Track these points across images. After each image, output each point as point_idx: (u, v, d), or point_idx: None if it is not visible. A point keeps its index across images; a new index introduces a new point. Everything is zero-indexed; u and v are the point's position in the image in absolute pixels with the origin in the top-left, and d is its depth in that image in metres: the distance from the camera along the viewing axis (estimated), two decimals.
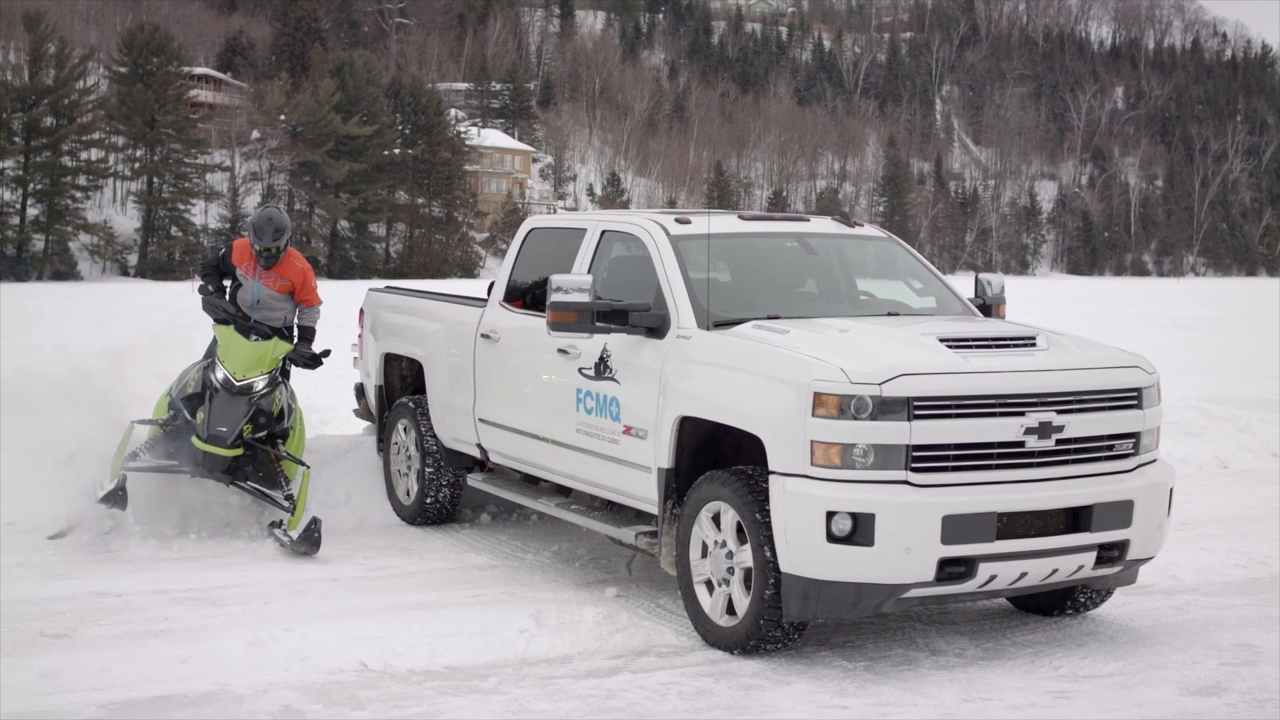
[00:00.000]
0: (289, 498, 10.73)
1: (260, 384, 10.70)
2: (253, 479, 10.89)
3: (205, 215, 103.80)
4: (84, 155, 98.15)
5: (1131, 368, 8.30)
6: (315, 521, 10.32)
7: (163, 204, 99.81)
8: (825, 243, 10.06)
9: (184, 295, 56.68)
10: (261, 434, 10.89)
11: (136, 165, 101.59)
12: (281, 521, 10.60)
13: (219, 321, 11.10)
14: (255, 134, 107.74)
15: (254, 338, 10.88)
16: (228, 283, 11.67)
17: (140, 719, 6.94)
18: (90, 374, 11.82)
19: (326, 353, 11.27)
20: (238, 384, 10.58)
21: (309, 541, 10.28)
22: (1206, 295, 75.15)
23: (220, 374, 10.61)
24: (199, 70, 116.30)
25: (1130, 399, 8.17)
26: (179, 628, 8.39)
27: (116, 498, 10.18)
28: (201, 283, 11.48)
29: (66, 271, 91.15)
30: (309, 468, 11.06)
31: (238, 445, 10.62)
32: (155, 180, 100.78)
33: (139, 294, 61.29)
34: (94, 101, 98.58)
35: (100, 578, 9.47)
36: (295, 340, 11.48)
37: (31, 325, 33.90)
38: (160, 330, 13.98)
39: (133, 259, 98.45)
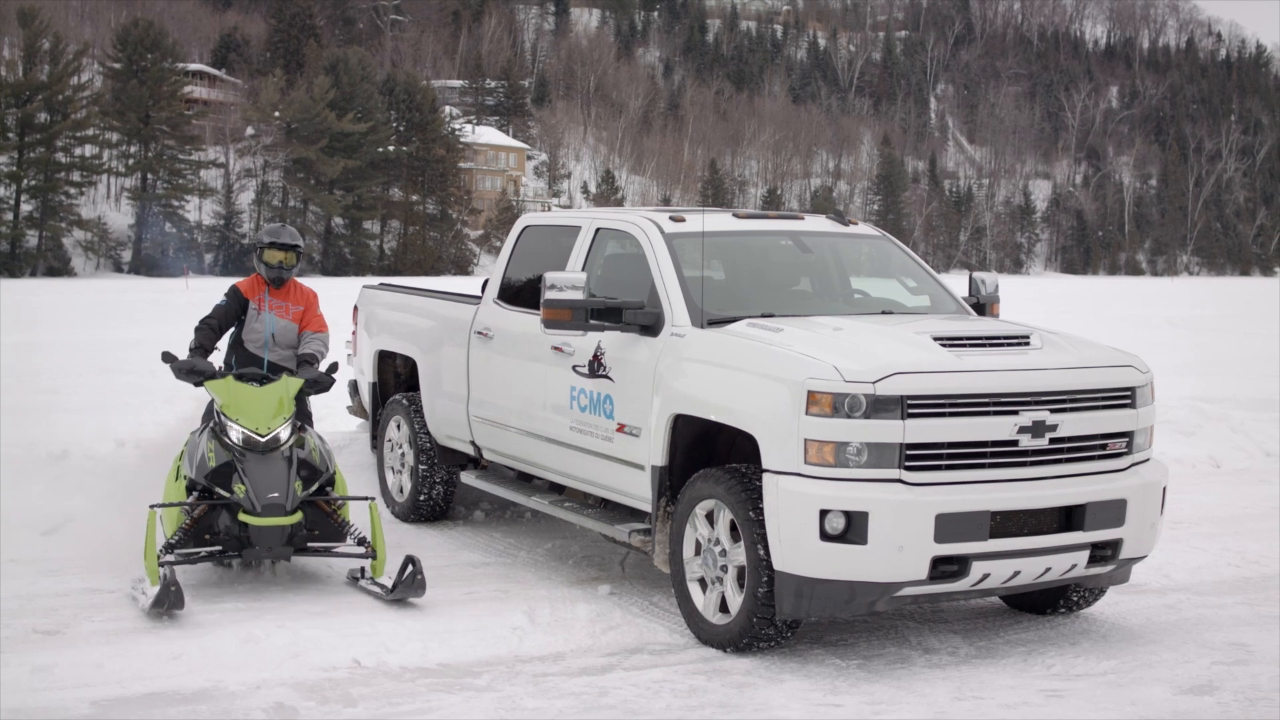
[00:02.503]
0: (362, 542, 9.38)
1: (286, 432, 9.38)
2: (313, 539, 9.36)
3: (199, 212, 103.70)
4: (78, 151, 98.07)
5: (1125, 367, 8.31)
6: (413, 562, 8.90)
7: (157, 200, 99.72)
8: (820, 241, 10.06)
9: (177, 292, 56.68)
10: (314, 488, 9.42)
11: (130, 162, 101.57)
12: (364, 570, 9.41)
13: (209, 378, 9.75)
14: (250, 130, 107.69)
15: (252, 383, 9.70)
16: (220, 346, 10.65)
17: (133, 716, 6.93)
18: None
19: (334, 367, 10.25)
20: (264, 439, 9.25)
21: (412, 587, 8.84)
22: (1200, 295, 75.23)
23: (237, 433, 9.27)
24: (193, 66, 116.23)
25: (1124, 398, 8.18)
26: (171, 624, 8.38)
27: (169, 597, 8.39)
28: (166, 351, 9.93)
29: (60, 268, 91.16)
30: (373, 499, 9.66)
31: (297, 509, 9.12)
32: (149, 176, 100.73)
33: (132, 290, 61.15)
34: (88, 98, 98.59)
35: (93, 574, 9.46)
36: (299, 367, 10.41)
37: (36, 321, 33.91)
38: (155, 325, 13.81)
39: (126, 255, 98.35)
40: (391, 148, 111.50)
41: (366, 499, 9.62)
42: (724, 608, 8.13)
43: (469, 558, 10.39)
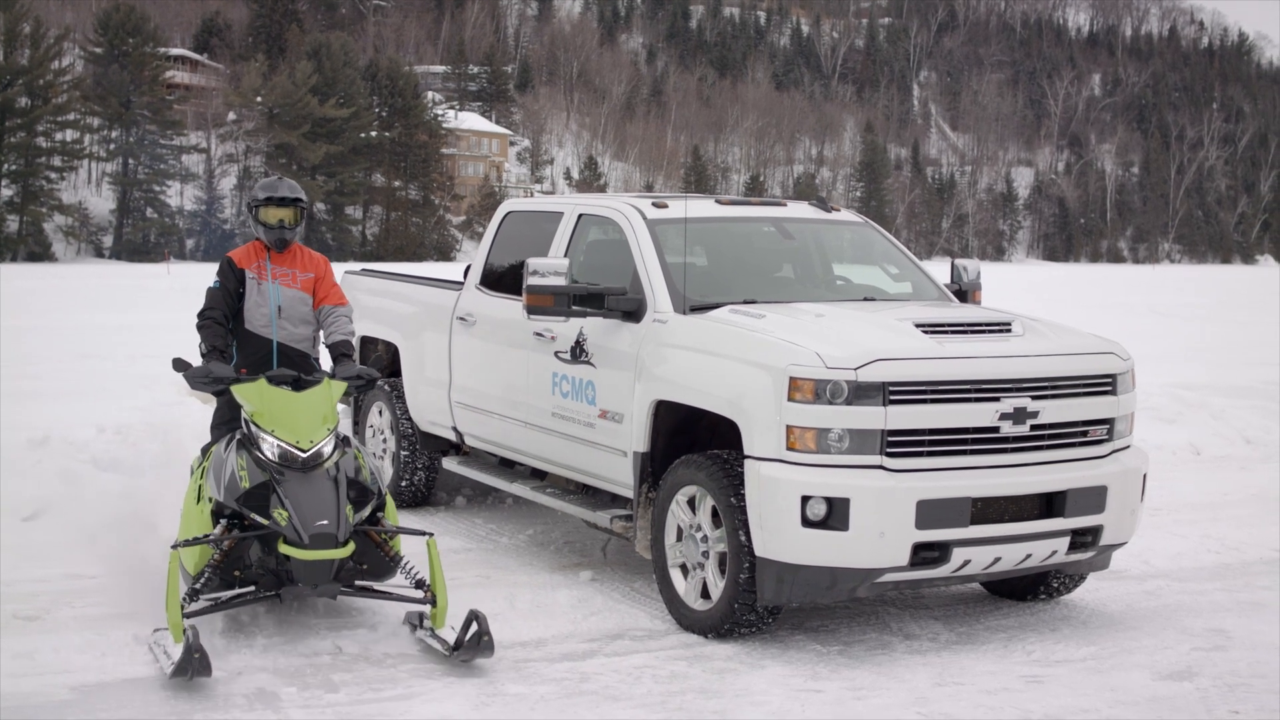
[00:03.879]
0: (420, 584, 7.91)
1: (330, 446, 7.78)
2: (358, 575, 7.95)
3: (181, 197, 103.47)
4: (59, 136, 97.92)
5: (1106, 354, 8.32)
6: (477, 618, 7.47)
7: (138, 185, 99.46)
8: (802, 228, 10.06)
9: (158, 277, 56.58)
10: (365, 513, 7.89)
11: (112, 146, 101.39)
12: (422, 618, 7.96)
13: (230, 384, 8.08)
14: (231, 116, 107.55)
15: (285, 386, 8.04)
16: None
17: (113, 702, 6.92)
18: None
19: (376, 361, 9.12)
20: (305, 454, 7.66)
21: (478, 648, 7.43)
22: (1182, 282, 75.40)
23: (272, 447, 7.69)
24: (175, 51, 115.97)
25: (1104, 385, 8.19)
26: (152, 610, 8.35)
27: (193, 664, 6.95)
28: (177, 358, 8.39)
29: (41, 253, 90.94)
30: (432, 535, 8.07)
31: (349, 539, 7.57)
32: (130, 162, 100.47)
33: (115, 275, 60.99)
34: (69, 82, 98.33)
35: (73, 560, 9.43)
36: (333, 369, 8.56)
37: (17, 306, 33.83)
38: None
39: (108, 240, 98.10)
40: (374, 133, 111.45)
41: (425, 534, 8.00)
42: (705, 594, 8.13)
43: (450, 544, 10.37)
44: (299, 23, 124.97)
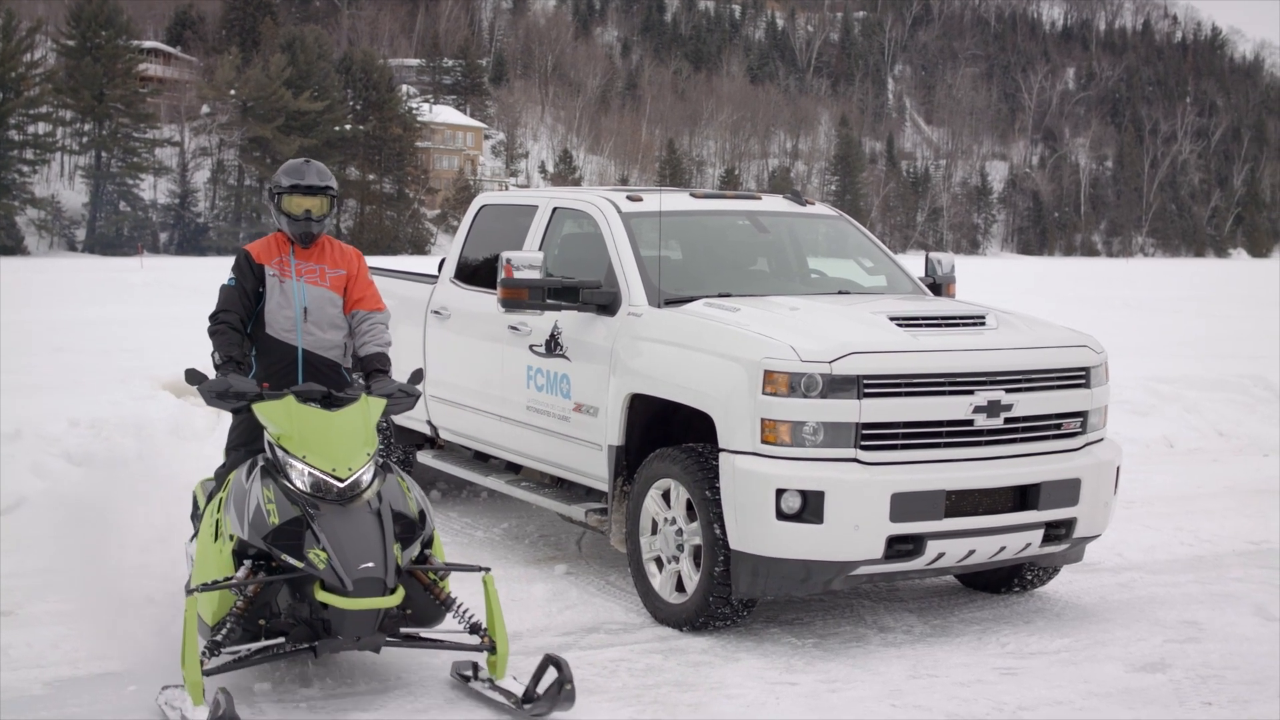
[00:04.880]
0: (476, 629, 6.91)
1: (369, 473, 6.75)
2: (402, 622, 6.91)
3: (154, 190, 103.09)
4: (31, 129, 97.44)
5: (1080, 347, 8.35)
6: (557, 664, 6.67)
7: (111, 179, 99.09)
8: (777, 221, 10.06)
9: (132, 271, 56.36)
10: (415, 551, 6.82)
11: (84, 139, 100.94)
12: (477, 667, 7.05)
13: (252, 400, 6.97)
14: (205, 109, 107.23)
15: (313, 403, 6.92)
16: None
17: (86, 696, 6.90)
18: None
19: (419, 374, 7.57)
20: (343, 483, 6.62)
21: (558, 699, 6.63)
22: (1155, 276, 75.64)
23: (302, 476, 6.66)
24: (148, 44, 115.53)
25: (1078, 378, 8.22)
26: (128, 604, 8.32)
27: None
28: (191, 370, 7.19)
29: (13, 246, 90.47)
30: (488, 570, 7.07)
31: (398, 584, 6.52)
32: (103, 155, 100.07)
33: (88, 269, 60.75)
34: (41, 75, 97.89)
35: (47, 555, 9.38)
36: (366, 383, 7.46)
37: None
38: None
39: (81, 234, 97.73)
40: (348, 126, 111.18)
41: (481, 569, 7.01)
42: (680, 587, 8.14)
43: None
44: (273, 15, 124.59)
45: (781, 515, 7.48)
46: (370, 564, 6.37)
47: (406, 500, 6.85)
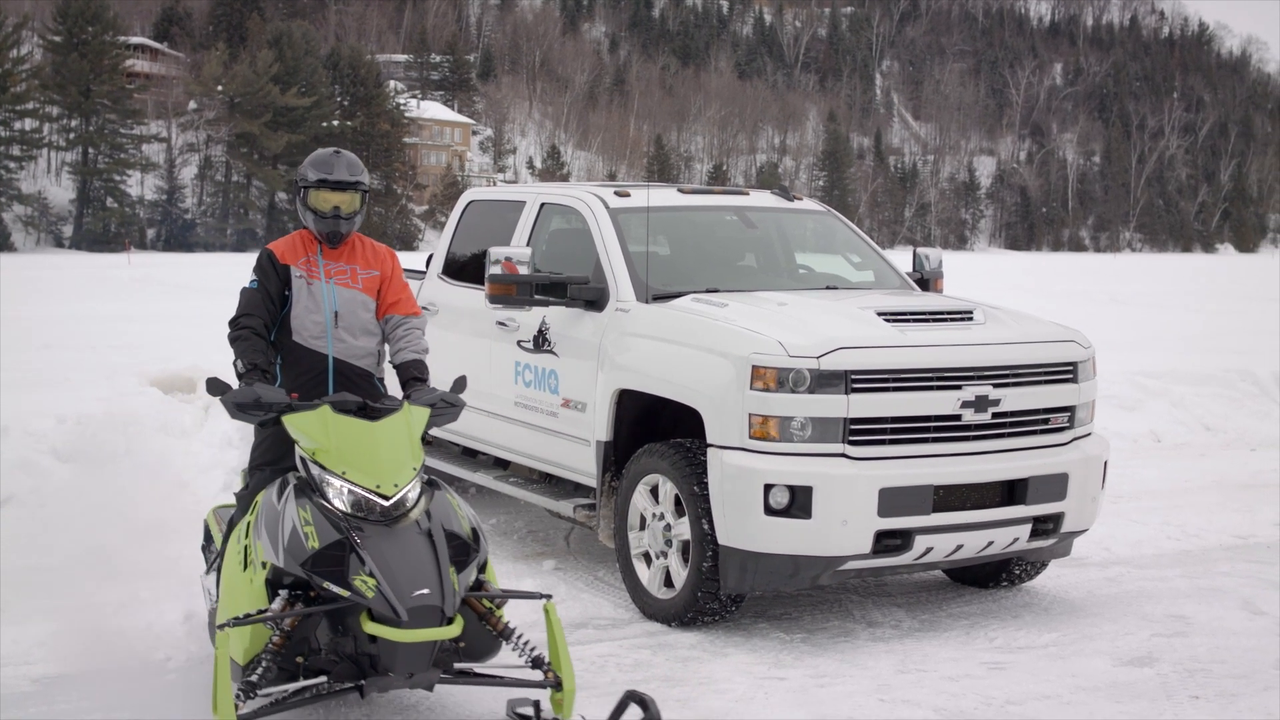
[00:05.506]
0: (538, 662, 6.16)
1: (416, 490, 6.04)
2: (455, 656, 6.16)
3: (141, 186, 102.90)
4: (17, 125, 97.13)
5: (1067, 342, 8.36)
6: (643, 702, 6.05)
7: (98, 175, 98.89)
8: (764, 216, 10.08)
9: (119, 267, 56.25)
10: (471, 577, 6.03)
11: (71, 136, 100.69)
12: (539, 706, 6.29)
13: (281, 412, 6.25)
14: (192, 105, 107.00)
15: (349, 414, 6.17)
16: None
17: (74, 694, 6.89)
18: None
19: (462, 382, 6.78)
20: (389, 501, 5.89)
21: None
22: (1143, 271, 75.73)
23: (342, 494, 5.93)
24: (135, 40, 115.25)
25: (1065, 373, 8.23)
26: (114, 601, 8.31)
27: None
28: (213, 379, 6.32)
29: (0, 243, 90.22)
30: (549, 597, 6.40)
31: (456, 612, 5.77)
32: (90, 151, 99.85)
33: (75, 265, 60.62)
34: (28, 71, 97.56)
35: (34, 552, 9.37)
36: (404, 392, 6.73)
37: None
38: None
39: (68, 230, 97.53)
40: (336, 122, 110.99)
41: (541, 596, 6.36)
42: (669, 582, 8.15)
43: None
44: (260, 11, 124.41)
45: (769, 510, 7.49)
46: (425, 590, 5.61)
47: (458, 519, 6.07)
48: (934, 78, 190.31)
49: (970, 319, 8.33)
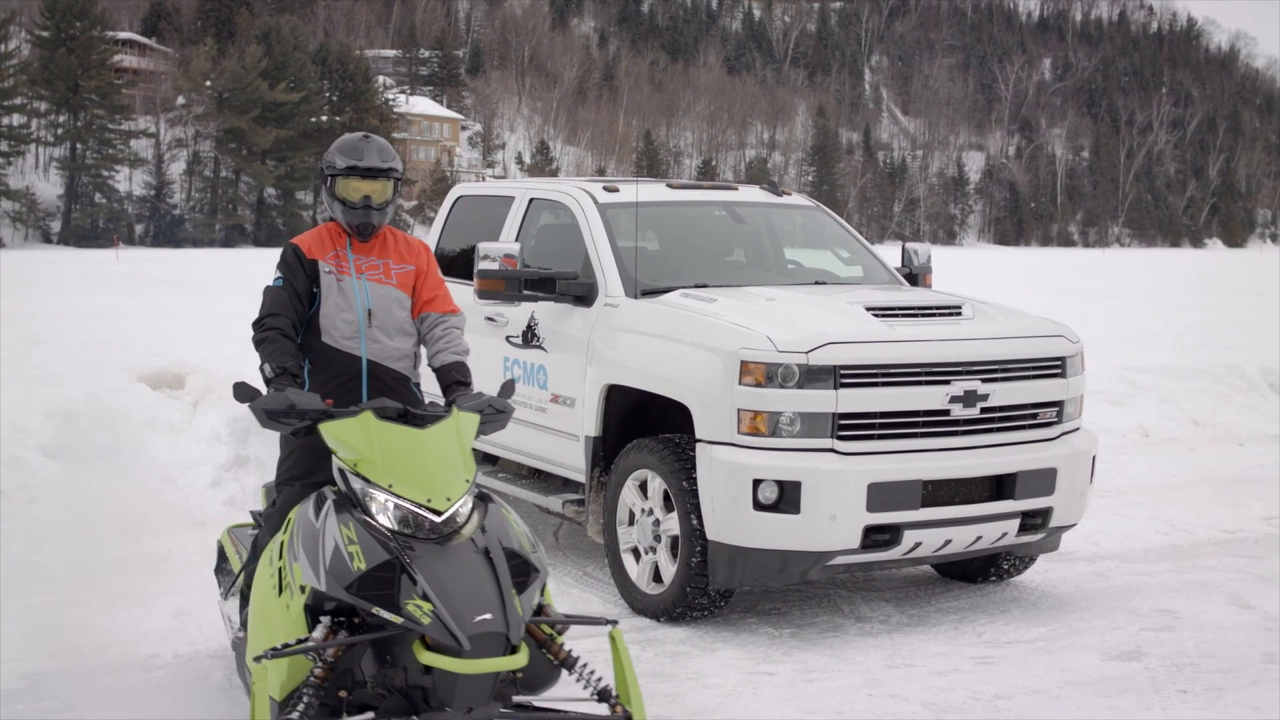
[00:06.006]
0: (604, 695, 5.50)
1: (468, 504, 5.44)
2: (512, 688, 5.46)
3: (129, 182, 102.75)
4: (5, 121, 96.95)
5: (1055, 337, 8.37)
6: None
7: (86, 170, 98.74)
8: (753, 212, 10.07)
9: (107, 263, 56.15)
10: (535, 599, 5.41)
11: (59, 131, 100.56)
12: None
13: (317, 420, 5.61)
14: (180, 100, 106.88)
15: (392, 420, 5.56)
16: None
17: (64, 689, 6.87)
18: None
19: (510, 386, 6.20)
20: (441, 516, 5.29)
21: None
22: (1131, 266, 75.83)
23: (385, 508, 5.31)
24: (123, 35, 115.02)
25: (1054, 368, 8.24)
26: (102, 598, 8.31)
27: None
28: (240, 384, 5.74)
29: None
30: (615, 623, 5.70)
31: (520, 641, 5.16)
32: (78, 146, 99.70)
33: (63, 261, 60.50)
34: (15, 66, 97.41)
35: (22, 548, 9.36)
36: (445, 397, 6.17)
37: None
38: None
39: (56, 226, 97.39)
40: (325, 118, 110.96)
41: (607, 622, 5.66)
42: (657, 577, 8.15)
43: None
44: (248, 6, 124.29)
45: (758, 505, 7.49)
46: (487, 615, 5.01)
47: (516, 535, 5.43)
48: (923, 73, 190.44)
49: (959, 314, 8.33)
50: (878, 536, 7.64)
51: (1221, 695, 6.98)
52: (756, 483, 7.48)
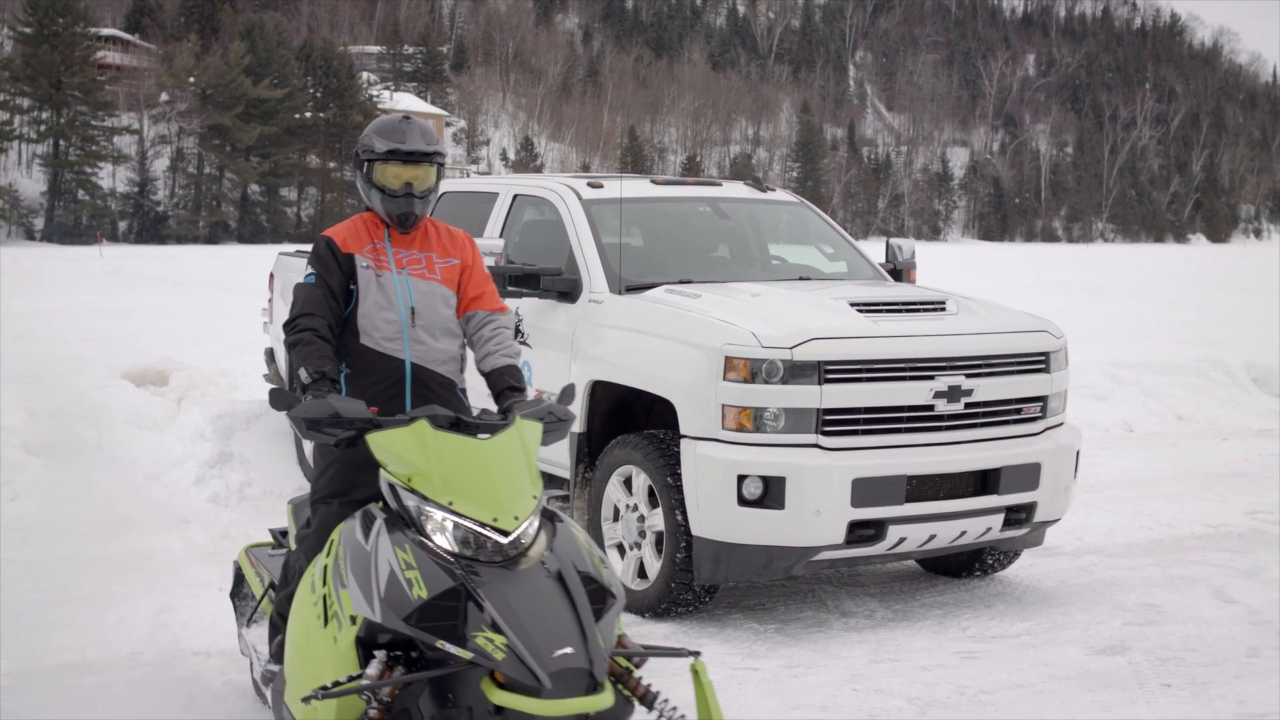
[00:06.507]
0: None
1: (535, 523, 4.89)
2: None
3: (113, 179, 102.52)
4: None
5: (1039, 332, 8.38)
6: None
7: (69, 167, 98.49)
8: (737, 207, 10.07)
9: (91, 260, 56.02)
10: (615, 630, 4.96)
11: (42, 128, 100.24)
12: None
13: (364, 430, 5.03)
14: (164, 96, 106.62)
15: (445, 429, 5.02)
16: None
17: (47, 687, 6.86)
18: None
19: (570, 392, 5.65)
20: (509, 537, 4.75)
21: None
22: (1115, 261, 75.97)
23: (444, 528, 4.78)
24: (106, 31, 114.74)
25: (1038, 363, 8.25)
26: (85, 595, 8.30)
27: None
28: (276, 390, 5.15)
29: None
30: (698, 655, 5.10)
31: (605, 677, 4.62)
32: (61, 143, 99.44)
33: (47, 258, 60.35)
34: None
35: (5, 546, 9.34)
36: (500, 403, 5.67)
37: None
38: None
39: (39, 223, 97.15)
40: (308, 114, 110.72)
41: (689, 654, 5.09)
42: (642, 573, 8.15)
43: None
44: (231, 2, 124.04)
45: (743, 501, 7.49)
46: (568, 649, 4.47)
47: (589, 558, 4.91)
48: (907, 69, 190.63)
49: (943, 309, 8.34)
50: (862, 532, 7.64)
51: (1205, 689, 6.99)
52: (741, 478, 7.48)
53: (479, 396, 5.95)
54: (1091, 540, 10.11)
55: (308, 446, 4.98)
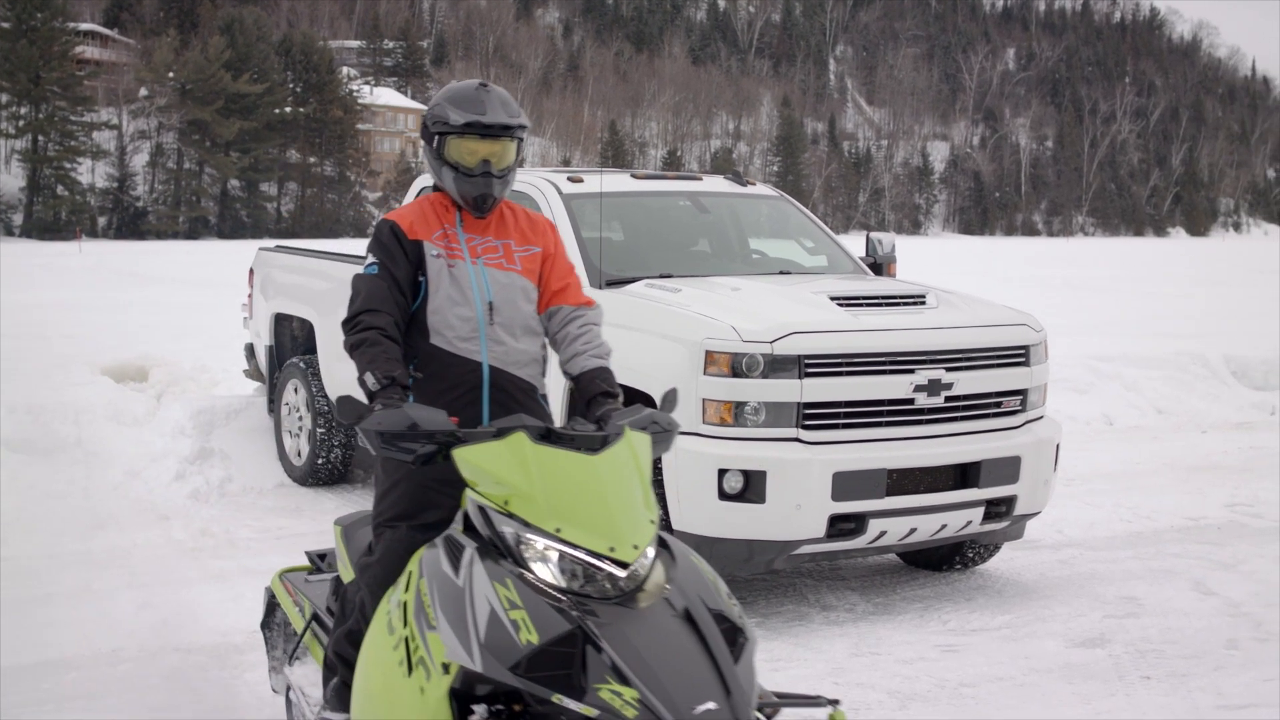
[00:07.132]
0: None
1: (651, 552, 4.09)
2: None
3: (92, 174, 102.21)
4: None
5: (1019, 325, 8.39)
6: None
7: (48, 163, 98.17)
8: (718, 202, 10.08)
9: (70, 255, 55.83)
10: (755, 676, 4.02)
11: (21, 123, 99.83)
12: None
13: (447, 445, 4.31)
14: (143, 91, 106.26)
15: (543, 442, 4.24)
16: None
17: (29, 684, 6.84)
18: None
19: (673, 398, 4.87)
20: (628, 570, 3.98)
21: None
22: (1095, 255, 76.15)
23: (550, 561, 4.02)
24: (85, 26, 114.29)
25: (1018, 356, 8.26)
26: (67, 591, 8.28)
27: None
28: (344, 397, 4.43)
29: None
30: (838, 704, 4.27)
31: None
32: (40, 138, 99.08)
33: (26, 254, 60.15)
34: None
35: None
36: (591, 409, 4.79)
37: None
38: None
39: (18, 218, 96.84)
40: (288, 109, 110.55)
41: (828, 702, 4.30)
42: None
43: None
44: None
45: (724, 495, 7.49)
46: (710, 705, 3.70)
47: (717, 593, 4.16)
48: (887, 63, 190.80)
49: (923, 303, 8.35)
50: (843, 525, 7.64)
51: (1185, 681, 7.01)
52: (722, 472, 7.47)
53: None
54: (1071, 533, 10.13)
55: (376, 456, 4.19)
